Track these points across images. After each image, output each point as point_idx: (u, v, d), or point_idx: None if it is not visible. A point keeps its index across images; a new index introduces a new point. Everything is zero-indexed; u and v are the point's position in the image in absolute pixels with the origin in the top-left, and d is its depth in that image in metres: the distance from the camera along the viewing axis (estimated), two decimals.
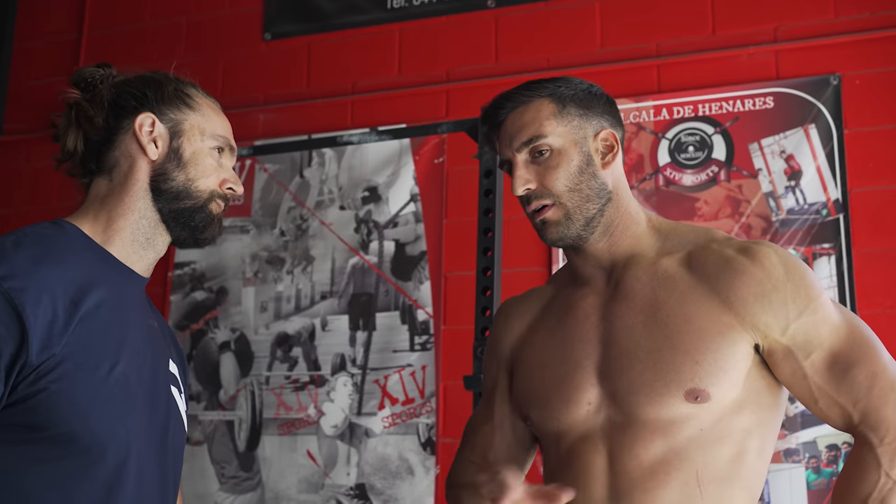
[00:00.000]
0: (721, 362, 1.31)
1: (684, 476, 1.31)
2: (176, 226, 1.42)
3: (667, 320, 1.35)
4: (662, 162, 2.75)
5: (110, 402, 1.27)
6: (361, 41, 3.17)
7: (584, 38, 2.91)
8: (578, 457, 1.37)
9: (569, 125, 1.43)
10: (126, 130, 1.41)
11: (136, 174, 1.40)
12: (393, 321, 2.91)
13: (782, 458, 2.48)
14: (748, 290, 1.33)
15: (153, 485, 1.35)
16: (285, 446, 2.94)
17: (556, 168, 1.41)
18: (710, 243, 1.40)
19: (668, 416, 1.32)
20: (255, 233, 3.15)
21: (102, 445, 1.25)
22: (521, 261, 2.77)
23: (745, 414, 1.33)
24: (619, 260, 1.44)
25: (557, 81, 1.47)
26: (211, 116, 1.46)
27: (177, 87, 1.45)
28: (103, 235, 1.38)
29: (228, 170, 1.47)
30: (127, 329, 1.34)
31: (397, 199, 3.00)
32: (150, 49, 3.38)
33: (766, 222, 2.61)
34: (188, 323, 3.15)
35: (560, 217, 1.41)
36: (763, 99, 2.69)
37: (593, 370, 1.39)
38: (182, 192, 1.40)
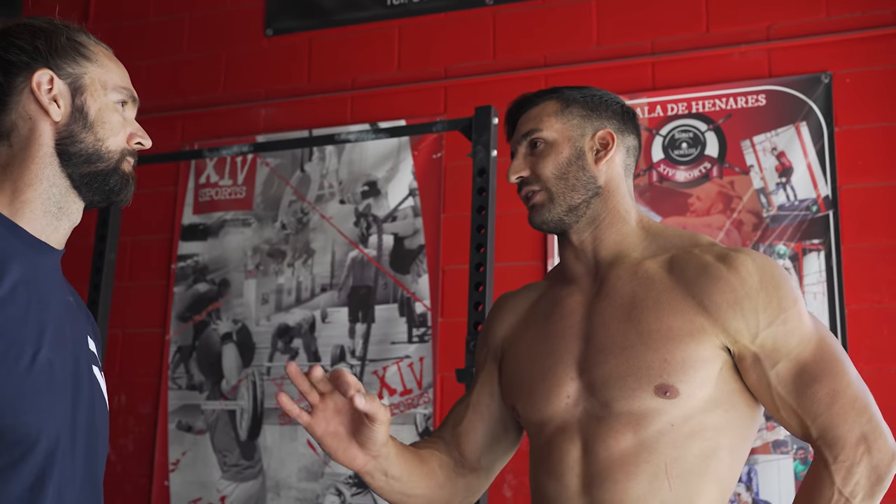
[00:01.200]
0: (690, 361, 1.35)
1: (653, 469, 1.35)
2: (89, 191, 1.31)
3: (640, 318, 1.40)
4: (656, 158, 2.80)
5: (37, 391, 1.17)
6: (361, 38, 3.22)
7: (581, 36, 2.95)
8: (556, 447, 1.42)
9: (567, 123, 1.51)
10: (21, 90, 1.27)
11: (39, 138, 1.27)
12: (391, 314, 2.97)
13: (770, 450, 2.53)
14: (722, 297, 1.37)
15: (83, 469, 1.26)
16: (286, 436, 2.99)
17: (546, 157, 1.50)
18: (693, 248, 1.45)
19: (640, 410, 1.36)
20: (256, 226, 3.20)
21: (32, 438, 1.16)
22: (516, 255, 2.81)
23: (717, 413, 1.37)
24: (604, 258, 1.49)
25: (576, 88, 1.57)
26: (110, 67, 1.34)
27: (69, 37, 1.31)
28: (10, 208, 1.26)
29: (133, 123, 1.35)
30: (46, 309, 1.22)
31: (396, 193, 3.05)
32: (153, 44, 3.42)
33: (757, 218, 2.66)
34: (191, 314, 3.20)
35: (544, 200, 1.49)
36: (755, 96, 2.73)
37: (573, 364, 1.44)
38: (93, 155, 1.29)
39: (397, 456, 1.44)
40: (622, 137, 1.54)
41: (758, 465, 2.53)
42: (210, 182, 3.29)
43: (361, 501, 2.86)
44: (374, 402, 1.31)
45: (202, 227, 3.27)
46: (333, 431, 1.37)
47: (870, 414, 1.32)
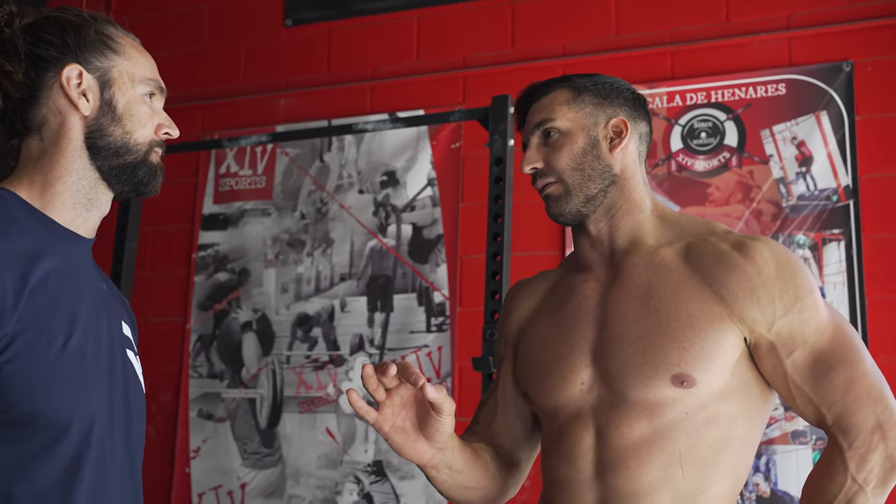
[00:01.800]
0: (708, 350, 1.35)
1: (666, 456, 1.35)
2: (118, 182, 1.34)
3: (658, 307, 1.40)
4: (675, 148, 2.79)
5: (68, 376, 1.20)
6: (381, 28, 3.22)
7: (599, 25, 2.94)
8: (569, 433, 1.43)
9: (580, 111, 1.50)
10: (51, 85, 1.30)
11: (68, 132, 1.30)
12: (410, 303, 2.98)
13: (789, 440, 2.52)
14: (739, 285, 1.36)
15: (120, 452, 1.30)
16: (305, 424, 3.02)
17: (560, 148, 1.48)
18: (709, 236, 1.45)
19: (655, 399, 1.36)
20: (276, 216, 3.22)
21: (65, 422, 1.19)
22: (533, 244, 2.82)
23: (731, 402, 1.37)
24: (619, 245, 1.49)
25: (586, 75, 1.56)
26: (137, 59, 1.36)
27: (97, 30, 1.34)
28: (41, 200, 1.29)
29: (161, 113, 1.38)
30: (78, 297, 1.26)
31: (415, 183, 3.05)
32: (174, 35, 3.45)
33: (777, 208, 2.64)
34: (211, 303, 3.23)
35: (561, 192, 1.48)
36: (775, 85, 2.71)
37: (588, 351, 1.44)
38: (121, 148, 1.32)
39: (460, 449, 1.46)
40: (635, 124, 1.53)
41: (776, 455, 2.52)
42: (230, 172, 3.31)
43: (380, 489, 2.88)
44: (442, 392, 1.32)
45: (222, 217, 3.29)
46: (400, 427, 1.38)
47: (886, 402, 1.32)
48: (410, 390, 1.36)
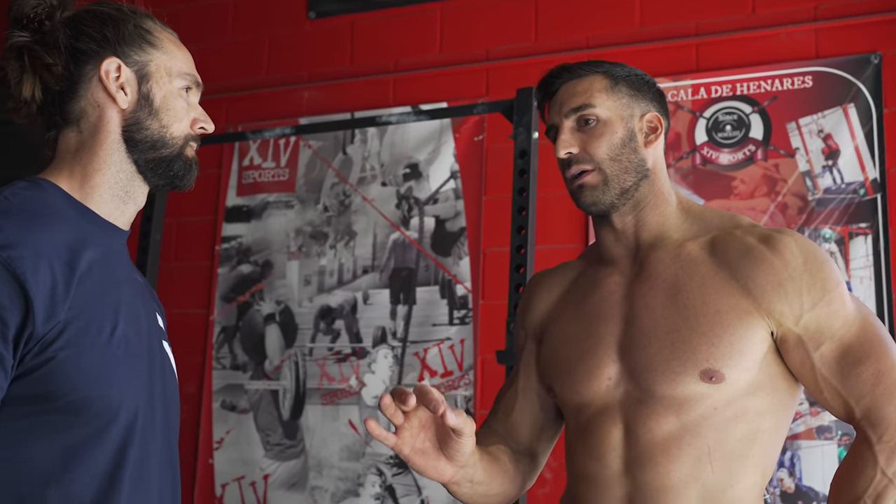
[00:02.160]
0: (737, 345, 1.34)
1: (696, 452, 1.35)
2: (153, 176, 1.36)
3: (686, 302, 1.39)
4: (699, 141, 2.77)
5: (116, 365, 1.23)
6: (403, 20, 3.22)
7: (624, 17, 2.92)
8: (596, 429, 1.42)
9: (618, 101, 1.49)
10: (90, 78, 1.32)
11: (106, 125, 1.32)
12: (433, 296, 2.98)
13: (814, 435, 2.50)
14: (766, 279, 1.36)
15: (160, 438, 1.32)
16: (328, 415, 3.03)
17: (600, 137, 1.46)
18: (735, 230, 1.44)
19: (683, 394, 1.36)
20: (299, 208, 3.23)
21: (113, 409, 1.22)
22: (556, 237, 2.81)
23: (759, 396, 1.37)
24: (645, 240, 1.49)
25: (613, 63, 1.53)
26: (175, 53, 1.38)
27: (136, 24, 1.35)
28: (81, 192, 1.31)
29: (197, 107, 1.40)
30: (119, 288, 1.29)
31: (438, 175, 3.05)
32: (199, 28, 3.45)
33: (803, 201, 2.62)
34: (235, 295, 3.24)
35: (598, 182, 1.46)
36: (802, 78, 2.69)
37: (614, 346, 1.44)
38: (158, 141, 1.34)
39: (480, 460, 1.45)
40: (664, 120, 1.53)
41: (801, 450, 2.51)
42: (253, 164, 3.32)
43: (403, 481, 2.88)
44: (462, 417, 1.31)
45: (245, 209, 3.30)
46: (420, 448, 1.36)
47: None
48: (428, 412, 1.34)
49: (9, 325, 1.13)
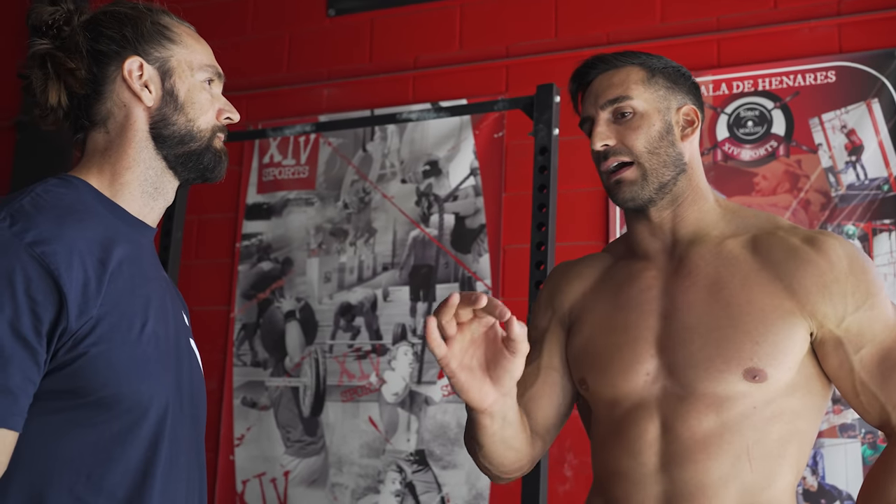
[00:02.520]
0: (780, 345, 1.34)
1: (736, 450, 1.34)
2: (184, 170, 1.37)
3: (729, 300, 1.38)
4: (721, 137, 2.75)
5: (147, 361, 1.24)
6: (423, 17, 3.21)
7: (645, 13, 2.91)
8: (633, 425, 1.40)
9: (655, 94, 1.47)
10: (113, 79, 1.33)
11: (134, 124, 1.33)
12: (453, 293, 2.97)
13: (838, 434, 2.48)
14: (811, 280, 1.35)
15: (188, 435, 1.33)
16: (348, 412, 3.03)
17: (637, 129, 1.44)
18: (777, 230, 1.43)
19: (725, 392, 1.35)
20: (319, 205, 3.23)
21: (144, 405, 1.23)
22: (577, 234, 2.80)
23: (796, 396, 1.36)
24: (683, 235, 1.47)
25: (650, 55, 1.51)
26: (194, 46, 1.39)
27: (153, 21, 1.37)
28: (111, 189, 1.32)
29: (221, 98, 1.41)
30: (149, 284, 1.30)
31: (457, 172, 3.05)
32: (219, 25, 3.47)
33: (826, 198, 2.60)
34: (255, 292, 3.25)
35: (637, 177, 1.44)
36: (825, 73, 2.67)
37: (653, 342, 1.42)
38: (185, 135, 1.35)
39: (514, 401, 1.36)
40: (700, 113, 1.51)
41: (824, 448, 2.49)
42: (273, 161, 3.33)
43: (423, 478, 2.89)
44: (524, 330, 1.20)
45: (266, 207, 3.31)
46: (468, 365, 1.23)
47: None
48: (483, 327, 1.22)
49: (42, 320, 1.14)
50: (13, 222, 1.17)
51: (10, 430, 1.13)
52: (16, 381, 1.13)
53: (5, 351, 1.12)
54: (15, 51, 3.74)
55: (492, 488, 2.78)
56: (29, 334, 1.13)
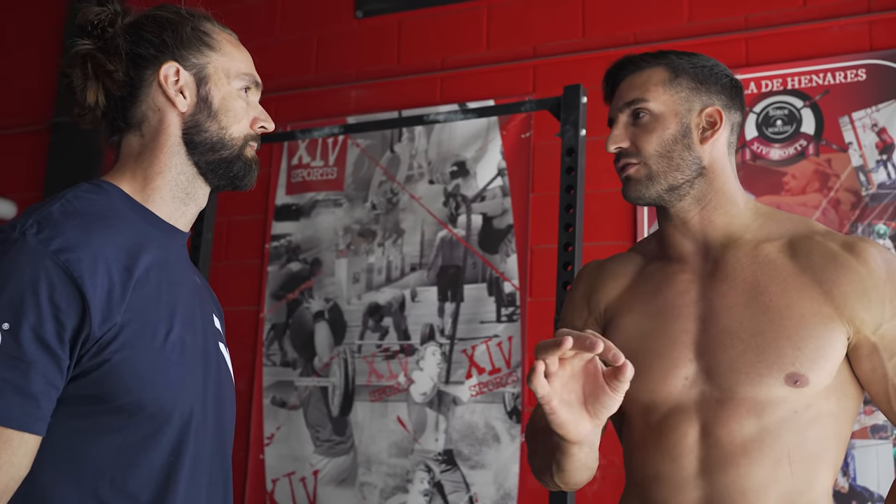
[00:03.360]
0: (821, 350, 1.33)
1: (776, 454, 1.34)
2: (214, 177, 1.38)
3: (769, 304, 1.37)
4: (749, 136, 2.74)
5: (171, 367, 1.25)
6: (450, 18, 3.22)
7: (672, 12, 2.90)
8: (671, 429, 1.40)
9: (676, 95, 1.45)
10: (150, 83, 1.34)
11: (167, 128, 1.34)
12: (480, 293, 2.98)
13: (869, 434, 2.46)
14: (851, 287, 1.35)
15: (213, 440, 1.34)
16: (376, 412, 3.04)
17: (651, 132, 1.44)
18: (813, 234, 1.42)
19: (765, 397, 1.34)
20: (347, 206, 3.25)
21: (168, 411, 1.24)
22: (604, 235, 2.80)
23: (832, 400, 1.36)
24: (716, 239, 1.46)
25: (683, 54, 1.50)
26: (233, 54, 1.40)
27: (194, 27, 1.38)
28: (143, 194, 1.33)
29: (257, 107, 1.41)
30: (177, 290, 1.31)
31: (485, 173, 3.05)
32: (247, 28, 3.49)
33: (856, 197, 2.58)
34: (284, 293, 3.27)
35: (642, 176, 1.45)
36: (855, 71, 2.64)
37: (691, 346, 1.41)
38: (217, 143, 1.36)
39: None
40: (729, 114, 1.49)
41: (855, 450, 2.47)
42: (302, 163, 3.35)
43: (451, 478, 2.89)
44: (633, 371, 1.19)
45: (295, 208, 3.33)
46: (567, 400, 1.22)
47: None
48: (583, 360, 1.21)
49: (66, 326, 1.16)
50: (40, 229, 1.19)
51: (32, 434, 1.15)
52: (38, 386, 1.14)
53: (28, 356, 1.14)
54: (50, 55, 3.79)
55: (520, 488, 2.79)
56: (52, 340, 1.15)
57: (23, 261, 1.16)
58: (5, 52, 3.98)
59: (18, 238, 1.18)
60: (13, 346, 1.13)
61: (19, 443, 1.14)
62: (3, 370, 1.12)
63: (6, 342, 1.13)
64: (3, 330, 1.13)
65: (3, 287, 1.15)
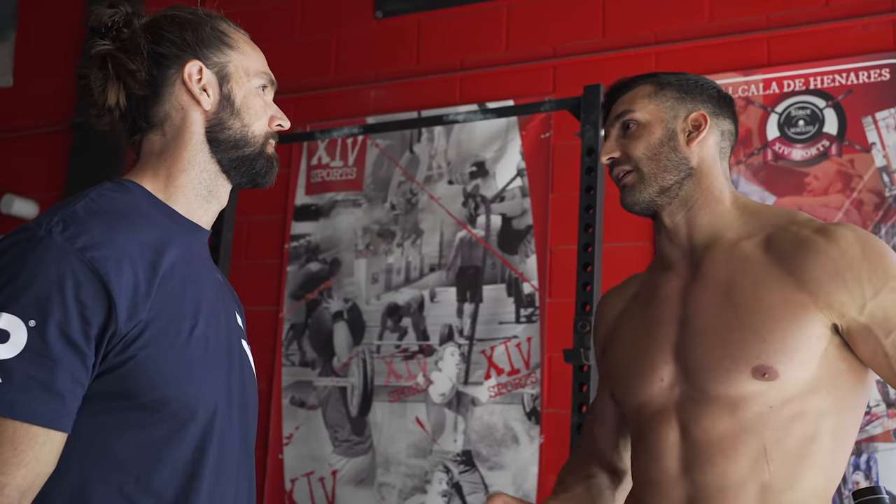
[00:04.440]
0: (790, 340, 1.32)
1: (752, 452, 1.34)
2: (237, 174, 1.39)
3: (738, 300, 1.38)
4: (771, 136, 2.72)
5: (195, 364, 1.26)
6: (470, 18, 3.22)
7: (693, 12, 2.88)
8: (653, 430, 1.43)
9: (661, 105, 1.52)
10: (173, 82, 1.35)
11: (190, 127, 1.35)
12: (499, 293, 2.98)
13: (892, 437, 2.44)
14: (822, 270, 1.33)
15: (237, 436, 1.35)
16: (395, 412, 3.04)
17: (638, 138, 1.50)
18: (790, 225, 1.42)
19: (737, 393, 1.35)
20: (366, 206, 3.25)
21: (192, 408, 1.25)
22: (624, 236, 2.78)
23: (819, 395, 1.34)
24: (700, 241, 1.49)
25: (673, 73, 1.57)
26: (250, 53, 1.41)
27: (213, 27, 1.39)
28: (165, 192, 1.34)
29: (273, 105, 1.43)
30: (200, 287, 1.32)
31: (504, 173, 3.05)
32: (267, 29, 3.50)
33: (879, 197, 2.56)
34: (303, 293, 3.28)
35: (635, 181, 1.50)
36: (878, 71, 2.62)
37: (669, 348, 1.44)
38: (240, 140, 1.37)
39: None
40: (716, 120, 1.53)
41: (878, 453, 2.45)
42: (321, 163, 3.36)
43: (469, 479, 2.89)
44: None
45: (314, 208, 3.34)
46: None
47: None
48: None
49: (91, 324, 1.16)
50: (65, 227, 1.19)
51: (58, 431, 1.16)
52: (64, 383, 1.15)
53: (54, 354, 1.14)
54: (71, 56, 3.81)
55: (538, 490, 2.78)
56: (78, 338, 1.15)
57: (49, 258, 1.17)
58: (27, 53, 4.01)
59: (44, 236, 1.18)
60: (40, 344, 1.14)
61: (45, 440, 1.15)
62: (29, 367, 1.13)
63: (33, 339, 1.14)
64: (29, 327, 1.14)
65: (30, 284, 1.15)
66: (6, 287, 1.16)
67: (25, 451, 1.13)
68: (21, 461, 1.13)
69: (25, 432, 1.13)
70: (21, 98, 3.96)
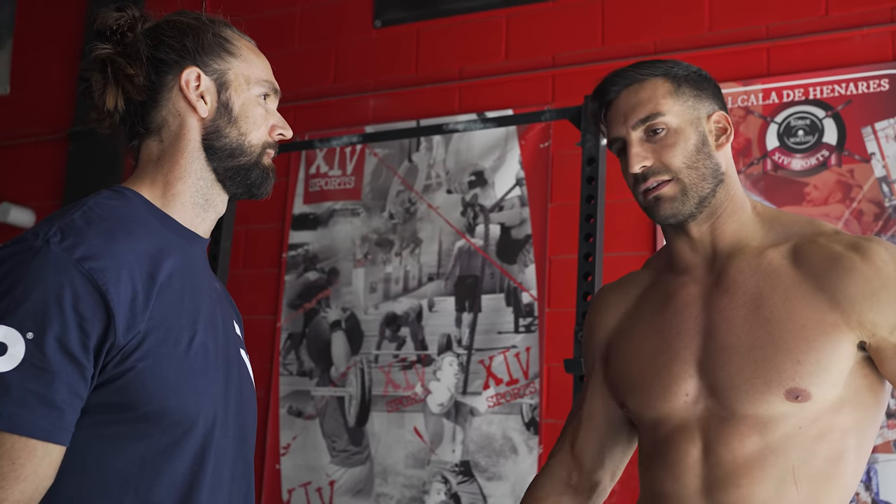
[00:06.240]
0: (824, 362, 1.29)
1: (780, 472, 1.30)
2: (232, 184, 1.37)
3: (769, 316, 1.33)
4: (771, 146, 2.72)
5: (194, 374, 1.24)
6: (469, 27, 3.22)
7: (693, 21, 2.88)
8: (674, 446, 1.38)
9: (684, 105, 1.42)
10: (170, 87, 1.34)
11: (187, 133, 1.34)
12: (498, 303, 2.97)
13: (892, 448, 2.43)
14: (857, 289, 1.30)
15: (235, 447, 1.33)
16: (393, 422, 3.03)
17: (673, 146, 1.40)
18: (818, 237, 1.38)
19: (767, 414, 1.31)
20: (365, 216, 3.24)
21: (191, 419, 1.23)
22: (624, 245, 2.78)
23: (844, 412, 1.32)
24: (722, 248, 1.43)
25: (669, 63, 1.47)
26: (252, 60, 1.39)
27: (215, 33, 1.37)
28: (163, 200, 1.33)
29: (275, 114, 1.41)
30: (199, 296, 1.30)
31: (503, 183, 3.04)
32: (266, 37, 3.49)
33: (879, 208, 2.55)
34: (301, 302, 3.27)
35: (676, 193, 1.40)
36: (878, 81, 2.62)
37: (693, 362, 1.39)
38: (236, 149, 1.35)
39: None
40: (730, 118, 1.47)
41: (878, 464, 2.44)
42: (320, 172, 3.35)
43: (468, 489, 2.88)
44: None
45: (312, 217, 3.33)
46: None
47: None
48: None
49: (90, 335, 1.15)
50: (63, 237, 1.18)
51: (56, 444, 1.14)
52: (62, 396, 1.14)
53: (53, 366, 1.13)
54: (69, 66, 3.81)
55: None
56: (76, 350, 1.14)
57: (47, 269, 1.15)
58: (24, 62, 4.00)
59: (42, 246, 1.17)
60: (38, 356, 1.12)
61: (43, 453, 1.13)
62: (27, 380, 1.12)
63: (31, 352, 1.12)
64: (27, 339, 1.12)
65: (28, 296, 1.14)
66: (3, 299, 1.14)
67: (24, 465, 1.12)
68: (19, 475, 1.12)
69: (24, 446, 1.12)
70: (18, 106, 3.96)
